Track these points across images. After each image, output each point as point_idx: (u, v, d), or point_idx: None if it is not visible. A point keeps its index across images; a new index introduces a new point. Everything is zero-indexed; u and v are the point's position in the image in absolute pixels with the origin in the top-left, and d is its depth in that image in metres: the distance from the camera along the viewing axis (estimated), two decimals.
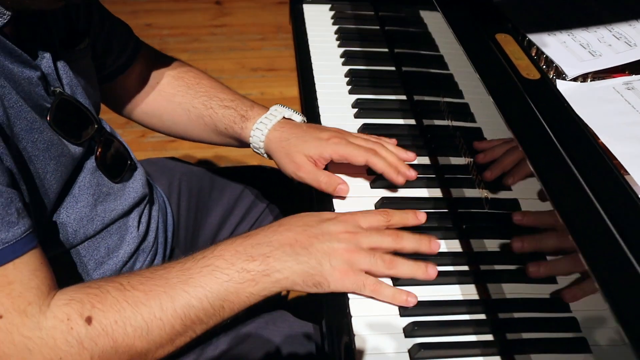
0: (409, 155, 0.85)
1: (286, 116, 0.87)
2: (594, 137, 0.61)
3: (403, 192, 0.82)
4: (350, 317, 0.67)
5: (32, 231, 0.61)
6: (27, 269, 0.59)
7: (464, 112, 0.81)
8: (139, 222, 0.85)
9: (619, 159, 0.60)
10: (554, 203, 0.51)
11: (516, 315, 0.66)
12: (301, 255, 0.67)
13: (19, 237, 0.59)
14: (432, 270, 0.69)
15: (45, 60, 0.70)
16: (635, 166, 0.58)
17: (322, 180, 0.81)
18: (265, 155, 0.87)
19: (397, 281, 0.70)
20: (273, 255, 0.66)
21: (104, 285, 0.63)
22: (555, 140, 0.56)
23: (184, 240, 1.02)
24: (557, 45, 0.80)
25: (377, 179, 0.84)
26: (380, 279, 0.69)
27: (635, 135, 0.63)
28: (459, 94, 0.85)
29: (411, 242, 0.71)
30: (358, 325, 0.66)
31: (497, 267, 0.71)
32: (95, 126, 0.77)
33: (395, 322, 0.67)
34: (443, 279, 0.71)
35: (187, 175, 1.07)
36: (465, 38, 0.71)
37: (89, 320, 0.59)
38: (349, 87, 1.03)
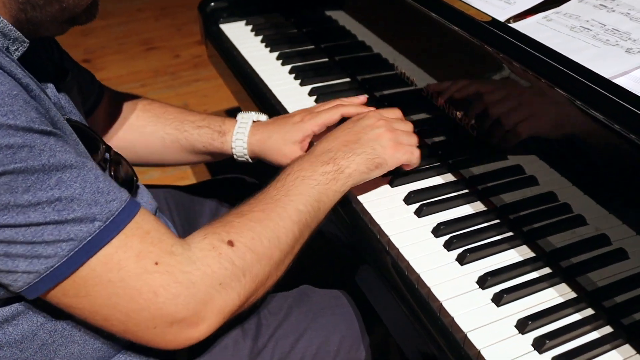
0: (361, 97, 0.99)
1: (254, 119, 0.96)
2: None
3: None
4: (397, 249, 0.76)
5: None
6: (151, 218, 0.64)
7: (401, 80, 0.95)
8: None
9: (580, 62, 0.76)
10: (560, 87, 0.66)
11: (522, 213, 0.79)
12: (356, 148, 0.80)
13: (129, 196, 0.63)
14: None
15: (50, 89, 0.72)
16: (591, 63, 0.74)
17: None
18: (249, 159, 0.95)
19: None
20: (338, 156, 0.79)
21: (223, 219, 0.70)
22: (537, 53, 0.71)
23: None
24: (479, 2, 0.97)
25: None
26: None
27: (576, 48, 0.80)
28: (391, 67, 1.00)
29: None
30: (406, 253, 0.75)
31: (490, 184, 0.84)
32: (104, 146, 0.79)
33: (434, 243, 0.77)
34: (455, 202, 0.83)
35: (169, 193, 1.10)
36: (426, 4, 0.85)
37: (230, 243, 0.66)
38: (299, 80, 1.13)
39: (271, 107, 1.09)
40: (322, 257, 0.81)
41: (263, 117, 0.98)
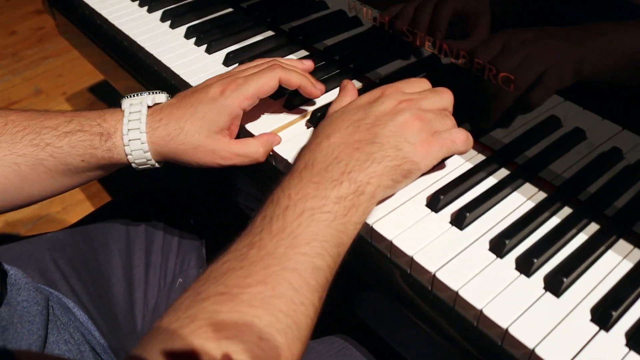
0: (307, 63, 0.74)
1: (149, 104, 0.66)
2: None
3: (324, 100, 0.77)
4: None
5: None
6: None
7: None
8: (60, 344, 0.63)
9: None
10: None
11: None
12: (375, 151, 0.55)
13: None
14: None
15: None
16: None
17: (253, 152, 0.66)
18: (156, 164, 0.67)
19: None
20: (352, 168, 0.54)
21: (196, 311, 0.44)
22: None
23: (109, 331, 0.74)
24: None
25: (287, 100, 0.75)
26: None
27: None
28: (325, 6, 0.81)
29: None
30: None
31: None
32: None
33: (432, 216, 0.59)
34: None
35: (55, 247, 0.79)
36: None
37: (226, 358, 0.42)
38: (204, 46, 0.89)
39: (175, 87, 0.85)
40: None
41: (161, 98, 0.68)
